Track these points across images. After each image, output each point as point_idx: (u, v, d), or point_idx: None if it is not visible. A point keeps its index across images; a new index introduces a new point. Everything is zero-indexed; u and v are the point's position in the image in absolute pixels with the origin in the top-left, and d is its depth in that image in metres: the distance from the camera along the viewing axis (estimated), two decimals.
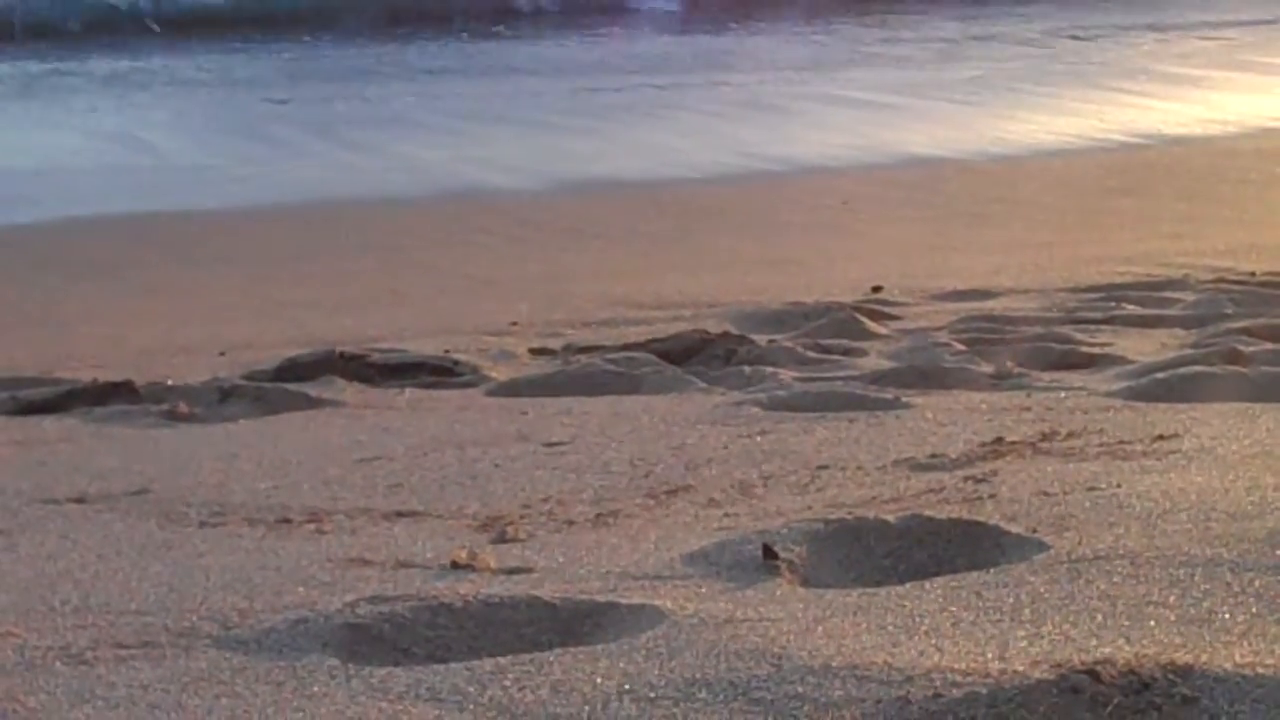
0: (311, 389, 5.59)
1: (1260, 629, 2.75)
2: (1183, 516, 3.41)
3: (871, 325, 6.64)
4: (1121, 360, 5.75)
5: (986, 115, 14.21)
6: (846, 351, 6.16)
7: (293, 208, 10.68)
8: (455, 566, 3.37)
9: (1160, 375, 5.23)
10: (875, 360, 5.97)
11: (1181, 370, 5.25)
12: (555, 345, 6.45)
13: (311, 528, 3.83)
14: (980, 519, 3.47)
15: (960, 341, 6.21)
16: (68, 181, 11.79)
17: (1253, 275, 7.56)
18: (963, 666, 2.60)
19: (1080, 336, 6.27)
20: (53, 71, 19.84)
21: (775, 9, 23.74)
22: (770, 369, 5.71)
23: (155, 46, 21.87)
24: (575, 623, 2.98)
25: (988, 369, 5.59)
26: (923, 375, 5.51)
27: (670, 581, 3.19)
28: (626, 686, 2.63)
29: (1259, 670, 2.52)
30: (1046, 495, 3.68)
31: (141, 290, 8.35)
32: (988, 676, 2.54)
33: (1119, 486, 3.71)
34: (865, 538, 3.41)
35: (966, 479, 3.92)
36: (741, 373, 5.67)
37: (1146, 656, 2.56)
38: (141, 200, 10.89)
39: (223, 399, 5.48)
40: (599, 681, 2.65)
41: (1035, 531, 3.38)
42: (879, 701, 2.51)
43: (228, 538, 3.77)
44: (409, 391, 5.64)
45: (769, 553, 3.26)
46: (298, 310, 7.62)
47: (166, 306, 7.88)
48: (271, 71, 19.77)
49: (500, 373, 5.92)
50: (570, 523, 3.80)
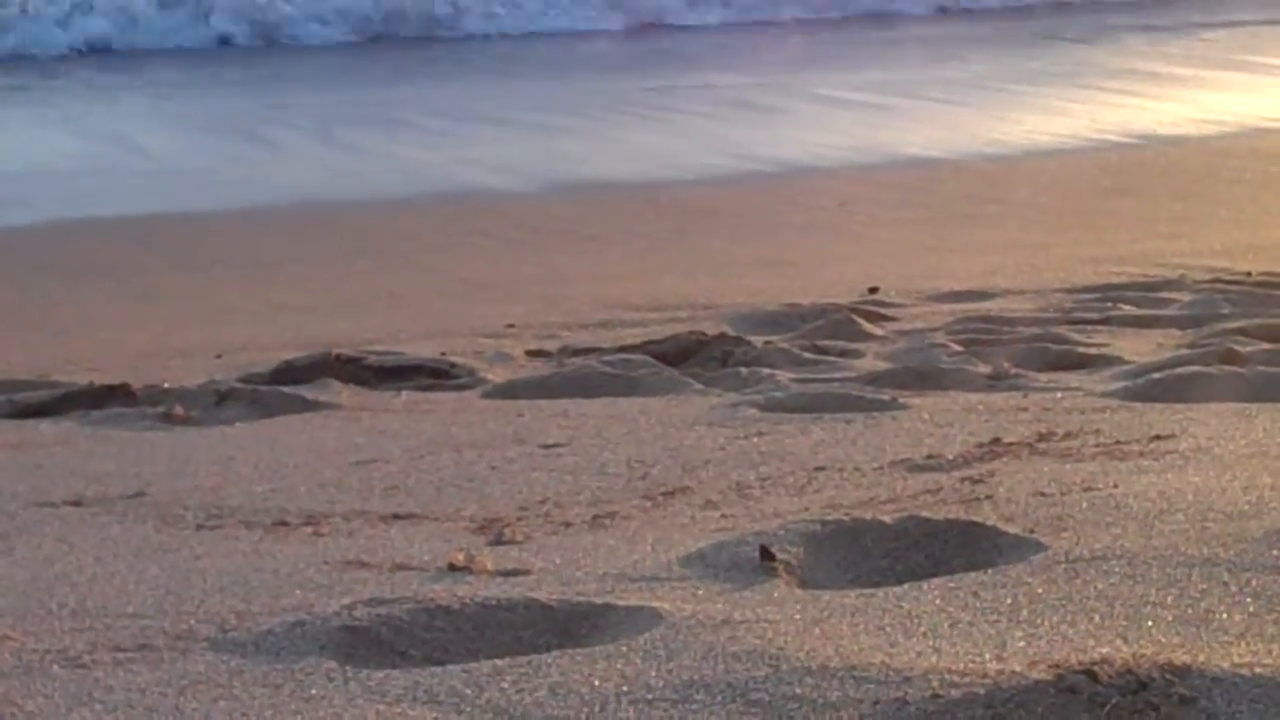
0: (308, 392, 5.58)
1: (1258, 629, 2.75)
2: (1180, 516, 3.41)
3: (868, 326, 6.64)
4: (1118, 361, 5.75)
5: (982, 116, 14.20)
6: (843, 353, 6.16)
7: (289, 210, 10.67)
8: (452, 569, 3.37)
9: (1157, 375, 5.23)
10: (872, 361, 5.97)
11: (1178, 370, 5.25)
12: (552, 347, 6.45)
13: (308, 530, 3.83)
14: (977, 520, 3.47)
15: (957, 342, 6.20)
16: (63, 184, 11.78)
17: (1249, 275, 7.55)
18: (960, 667, 2.60)
19: (1077, 337, 6.27)
20: (46, 73, 19.82)
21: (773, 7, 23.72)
22: (767, 370, 5.71)
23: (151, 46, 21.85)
24: (573, 625, 2.98)
25: (984, 370, 5.58)
26: (919, 376, 5.51)
27: (667, 583, 3.19)
28: (624, 688, 2.63)
29: (1257, 670, 2.52)
30: (1043, 496, 3.68)
31: (138, 293, 8.34)
32: (985, 677, 2.54)
33: (1116, 487, 3.71)
34: (862, 539, 3.41)
35: (963, 480, 3.92)
36: (738, 374, 5.67)
37: (1144, 656, 2.56)
38: (138, 203, 10.87)
39: (219, 402, 5.48)
40: (596, 683, 2.65)
41: (1032, 532, 3.38)
42: (876, 702, 2.51)
43: (225, 540, 3.77)
44: (405, 394, 5.64)
45: (766, 554, 3.25)
46: (294, 313, 7.61)
47: (163, 309, 7.88)
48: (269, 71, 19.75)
49: (497, 375, 5.92)
50: (567, 524, 3.80)
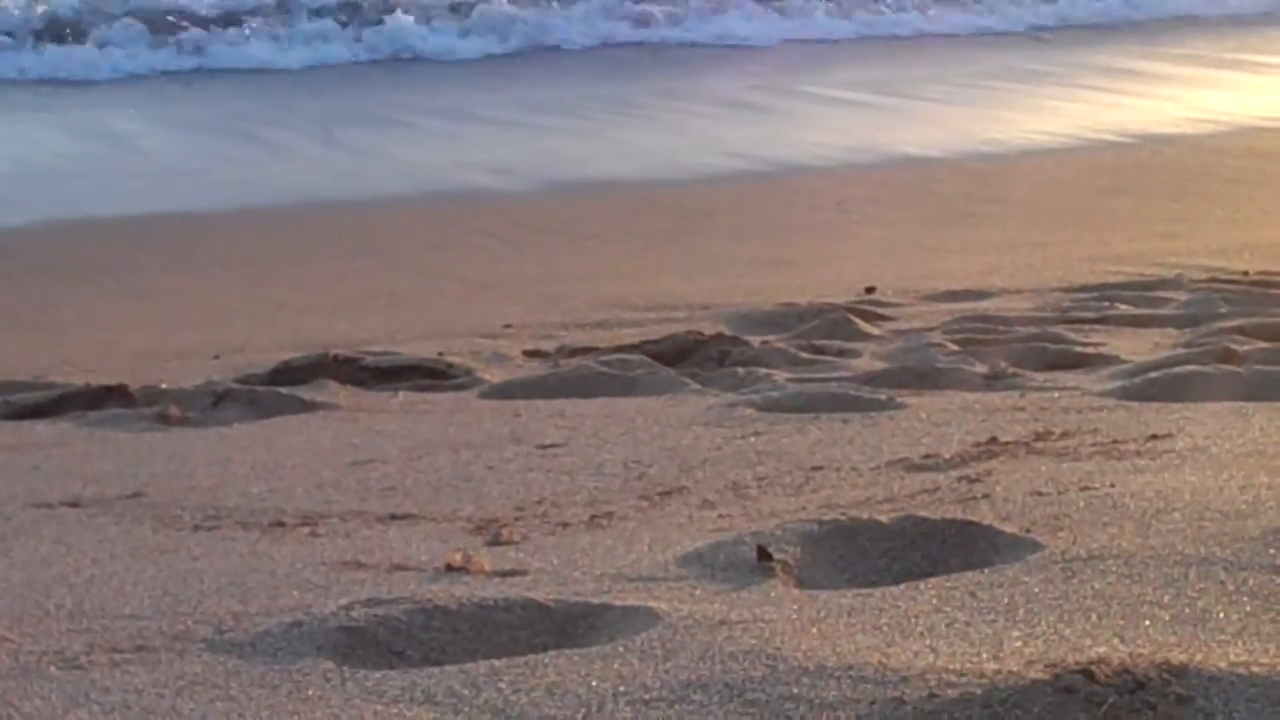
0: (305, 392, 5.58)
1: (1255, 628, 2.75)
2: (1177, 516, 3.41)
3: (865, 326, 6.64)
4: (1115, 360, 5.76)
5: (979, 116, 14.19)
6: (840, 352, 6.16)
7: (286, 211, 10.67)
8: (450, 569, 3.36)
9: (1154, 375, 5.23)
10: (869, 361, 5.97)
11: (1175, 370, 5.25)
12: (549, 347, 6.45)
13: (306, 531, 3.83)
14: (974, 519, 3.47)
15: (954, 342, 6.21)
16: (60, 185, 11.77)
17: (1245, 274, 7.56)
18: (957, 667, 2.60)
19: (1074, 336, 6.27)
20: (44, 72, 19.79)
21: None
22: (764, 370, 5.71)
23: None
24: (570, 625, 2.98)
25: (981, 369, 5.59)
26: (916, 376, 5.51)
27: (664, 583, 3.19)
28: (621, 688, 2.63)
29: (1254, 669, 2.52)
30: (1040, 495, 3.68)
31: (135, 294, 8.34)
32: (982, 677, 2.54)
33: (1113, 486, 3.71)
34: (859, 538, 3.41)
35: (960, 479, 3.92)
36: (735, 374, 5.67)
37: (1141, 656, 2.56)
38: (135, 203, 10.86)
39: (217, 402, 5.48)
40: (594, 684, 2.65)
41: (1029, 531, 3.38)
42: (874, 702, 2.51)
43: (222, 541, 3.77)
44: (403, 394, 5.64)
45: (763, 554, 3.25)
46: (291, 313, 7.61)
47: (160, 310, 7.87)
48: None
49: (494, 375, 5.92)
50: (564, 525, 3.80)
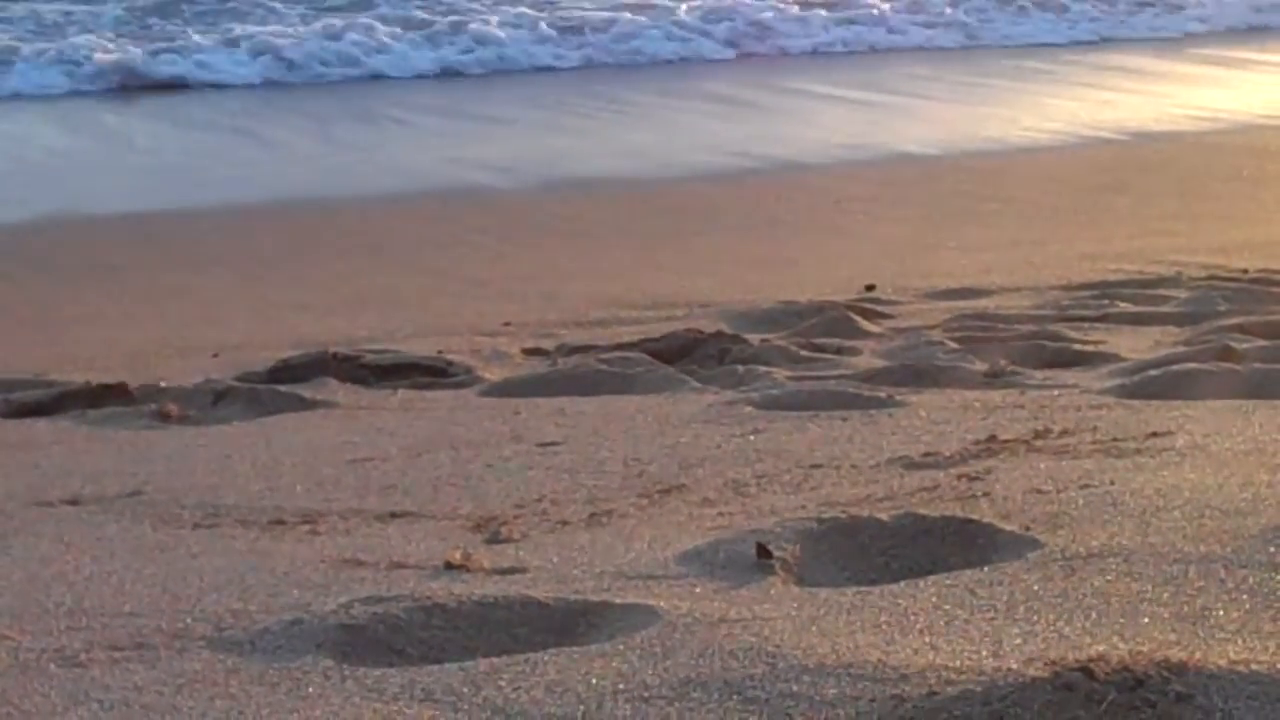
0: (305, 390, 5.58)
1: (1254, 626, 2.76)
2: (1176, 514, 3.41)
3: (864, 324, 6.64)
4: (1114, 358, 5.76)
5: (978, 114, 14.20)
6: (840, 350, 6.16)
7: (286, 209, 10.67)
8: (449, 567, 3.36)
9: (1153, 372, 5.23)
10: (868, 359, 5.97)
11: (1174, 367, 5.25)
12: (548, 345, 6.45)
13: (305, 529, 3.83)
14: (974, 517, 3.48)
15: (953, 340, 6.21)
16: (59, 182, 11.77)
17: (1245, 272, 7.56)
18: (957, 664, 2.60)
19: (1073, 334, 6.27)
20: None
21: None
22: (763, 368, 5.71)
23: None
24: (569, 623, 2.98)
25: (981, 367, 5.59)
26: (916, 374, 5.51)
27: (664, 581, 3.19)
28: (621, 686, 2.63)
29: (1253, 667, 2.52)
30: (1040, 493, 3.68)
31: (135, 292, 8.34)
32: (982, 674, 2.55)
33: (1112, 484, 3.71)
34: (859, 536, 3.41)
35: (960, 477, 3.92)
36: (735, 372, 5.67)
37: (1140, 653, 2.56)
38: (135, 201, 10.87)
39: (216, 400, 5.48)
40: (593, 681, 2.66)
41: (1029, 529, 3.38)
42: (873, 700, 2.51)
43: (221, 539, 3.76)
44: (402, 392, 5.64)
45: (763, 552, 3.26)
46: (291, 311, 7.61)
47: (160, 308, 7.87)
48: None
49: (493, 373, 5.92)
50: (564, 523, 3.80)
